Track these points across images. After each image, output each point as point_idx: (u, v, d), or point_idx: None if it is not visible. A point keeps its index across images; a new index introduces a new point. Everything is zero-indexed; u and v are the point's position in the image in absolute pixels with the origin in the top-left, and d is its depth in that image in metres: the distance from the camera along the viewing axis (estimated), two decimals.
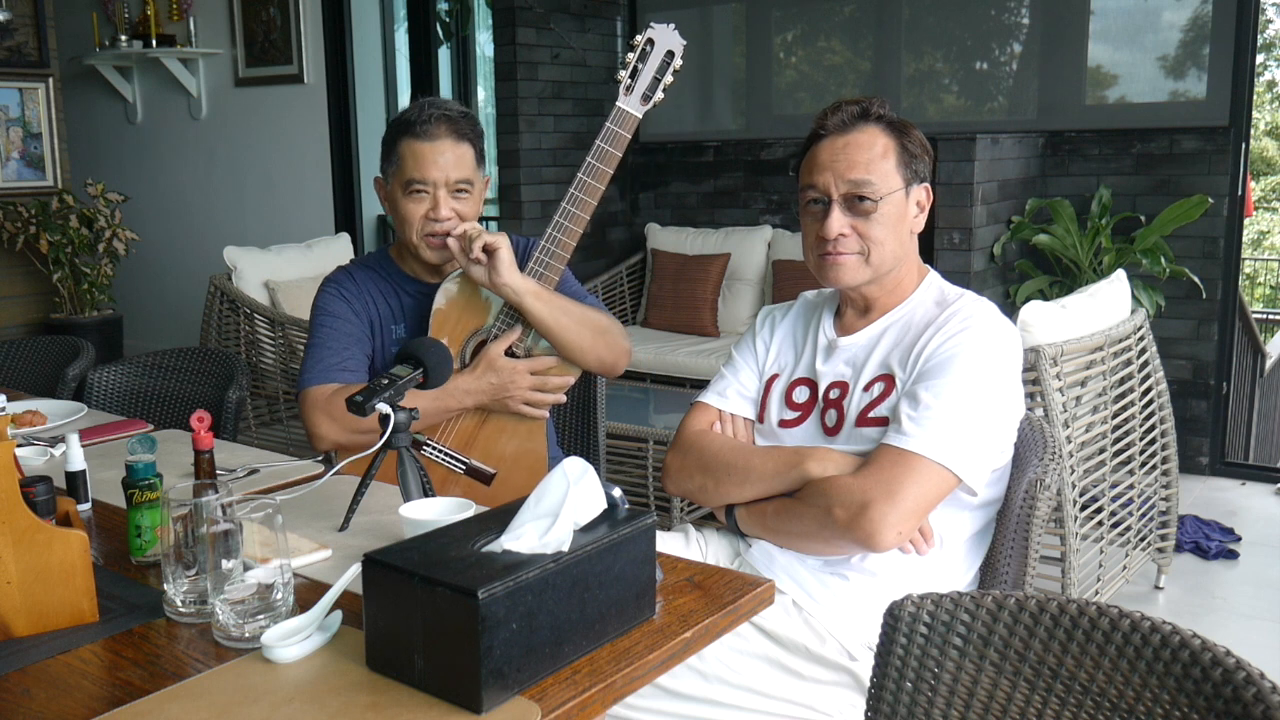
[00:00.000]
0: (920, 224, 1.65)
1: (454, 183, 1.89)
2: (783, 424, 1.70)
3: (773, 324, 1.79)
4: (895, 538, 1.48)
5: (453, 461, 1.51)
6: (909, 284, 1.66)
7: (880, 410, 1.58)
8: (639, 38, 1.85)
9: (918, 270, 1.68)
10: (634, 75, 1.84)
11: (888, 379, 1.59)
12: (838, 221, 1.58)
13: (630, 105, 1.84)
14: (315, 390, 1.86)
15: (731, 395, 1.76)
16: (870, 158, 1.58)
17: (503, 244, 1.79)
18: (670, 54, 1.85)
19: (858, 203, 1.58)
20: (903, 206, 1.61)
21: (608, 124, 1.84)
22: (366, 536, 1.44)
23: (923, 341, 1.57)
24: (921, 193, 1.64)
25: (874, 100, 1.63)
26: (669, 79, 1.85)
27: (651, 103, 1.85)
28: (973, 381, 1.52)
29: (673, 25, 1.86)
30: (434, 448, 1.50)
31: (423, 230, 1.90)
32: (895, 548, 1.50)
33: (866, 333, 1.66)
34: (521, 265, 1.91)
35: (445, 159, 1.88)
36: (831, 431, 1.63)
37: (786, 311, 1.80)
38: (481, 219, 2.07)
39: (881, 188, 1.58)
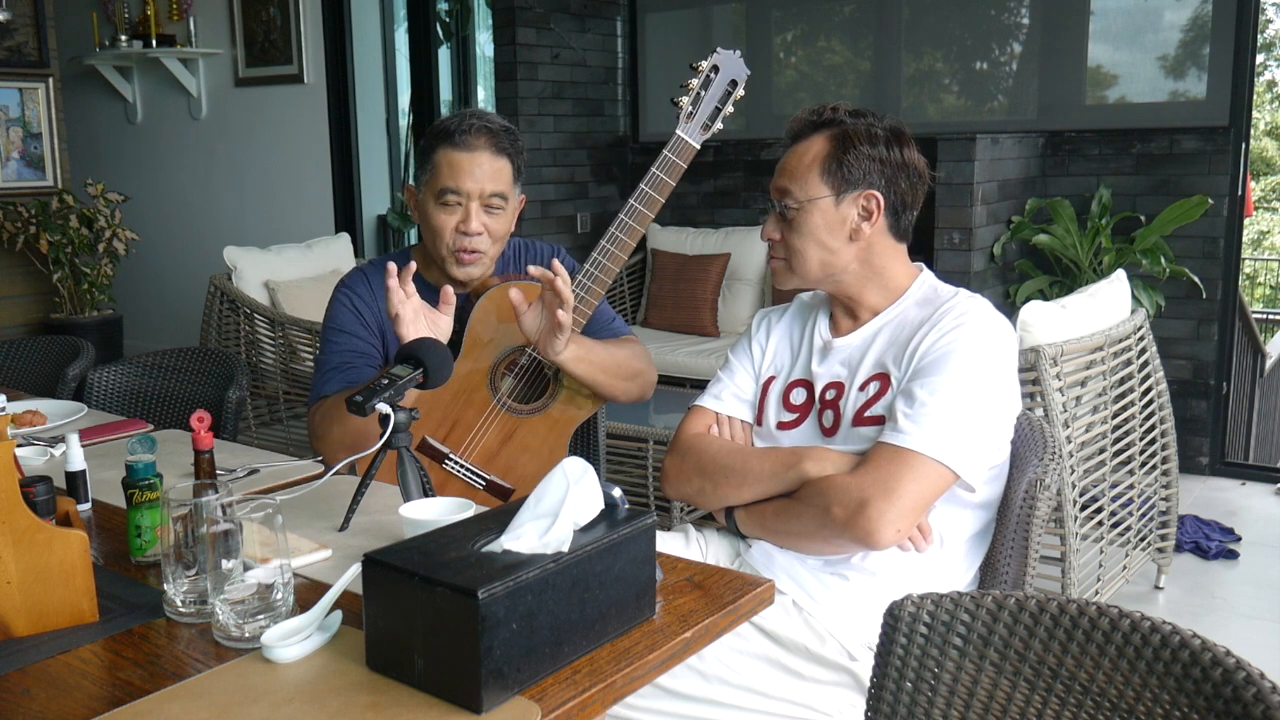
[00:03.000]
0: (869, 230, 1.60)
1: (488, 195, 1.84)
2: (780, 426, 1.70)
3: (768, 327, 1.80)
4: (894, 535, 1.48)
5: (473, 477, 1.50)
6: (897, 284, 1.66)
7: (876, 409, 1.58)
8: (704, 63, 1.77)
9: (907, 270, 1.68)
10: (695, 102, 1.77)
11: (883, 378, 1.60)
12: (769, 226, 1.64)
13: (689, 134, 1.78)
14: (311, 410, 1.86)
15: (728, 398, 1.77)
16: (796, 166, 1.61)
17: (568, 315, 1.72)
18: (734, 83, 1.78)
19: (782, 210, 1.62)
20: (829, 215, 1.59)
21: (665, 152, 1.78)
22: (366, 536, 1.44)
23: (917, 339, 1.57)
24: (865, 200, 1.59)
25: (827, 108, 1.63)
26: (729, 109, 1.79)
27: (710, 132, 1.80)
28: (968, 378, 1.52)
29: (738, 52, 1.78)
30: (456, 462, 1.49)
31: (454, 244, 1.85)
32: (894, 545, 1.51)
33: (861, 333, 1.66)
34: None
35: (482, 170, 1.82)
36: (829, 432, 1.63)
37: (782, 314, 1.80)
38: None
39: (799, 195, 1.59)
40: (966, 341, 1.54)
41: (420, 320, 1.69)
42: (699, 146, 1.79)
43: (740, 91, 1.79)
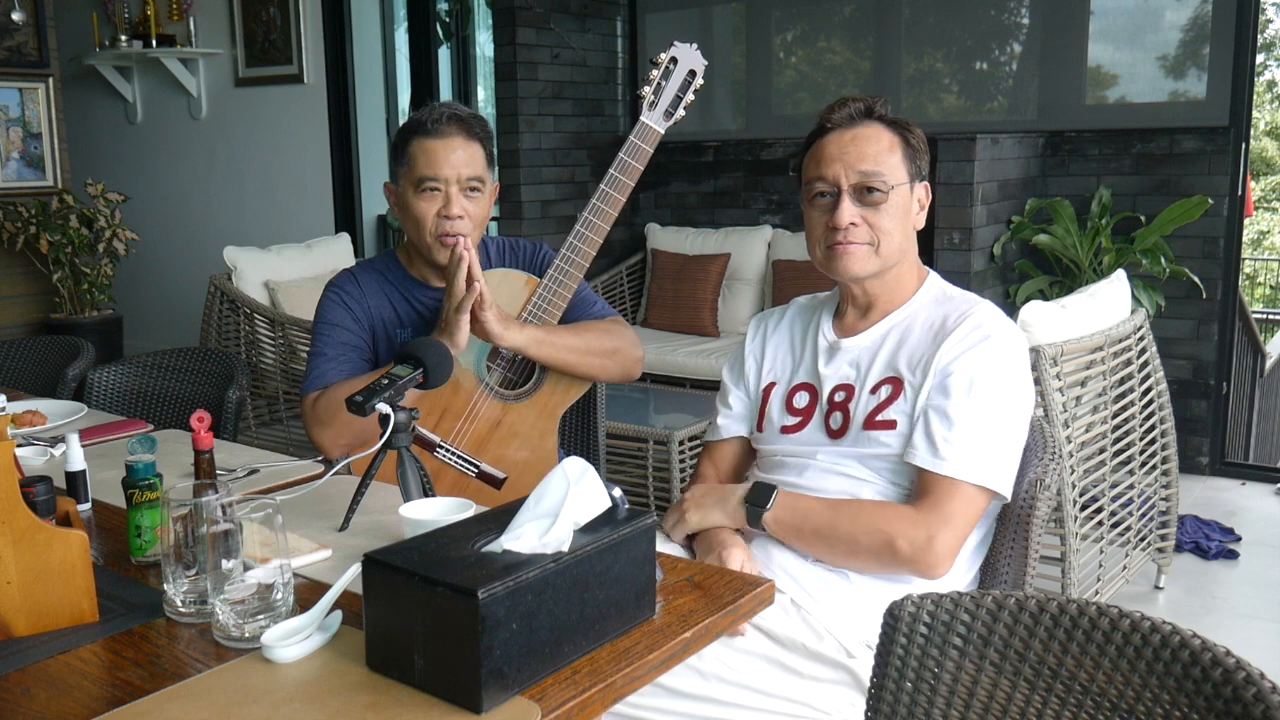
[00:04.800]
0: (921, 221, 1.67)
1: (466, 180, 1.88)
2: (784, 430, 1.70)
3: (764, 333, 1.80)
4: (950, 563, 1.53)
5: (465, 465, 1.51)
6: (909, 284, 1.67)
7: (888, 414, 1.58)
8: (663, 55, 1.88)
9: (917, 271, 1.70)
10: (657, 92, 1.87)
11: (895, 382, 1.60)
12: (848, 211, 1.60)
13: (653, 120, 1.88)
14: (308, 399, 1.88)
15: (724, 425, 1.81)
16: (878, 150, 1.61)
17: (487, 311, 1.78)
18: (692, 73, 1.89)
19: (867, 194, 1.60)
20: (908, 201, 1.63)
21: (631, 138, 1.88)
22: (366, 536, 1.44)
23: (940, 353, 1.57)
24: (922, 190, 1.67)
25: (877, 99, 1.66)
26: (690, 97, 1.89)
27: (674, 119, 1.89)
28: (999, 398, 1.55)
29: (695, 45, 1.90)
30: (447, 450, 1.50)
31: (436, 230, 1.89)
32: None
33: (869, 334, 1.66)
34: (539, 273, 1.94)
35: (457, 156, 1.87)
36: (836, 434, 1.63)
37: (781, 317, 1.81)
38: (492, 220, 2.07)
39: (890, 179, 1.60)
40: (993, 360, 1.56)
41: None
42: (663, 132, 1.90)
43: (699, 81, 1.90)
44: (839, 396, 1.65)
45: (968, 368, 1.55)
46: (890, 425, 1.57)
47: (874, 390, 1.61)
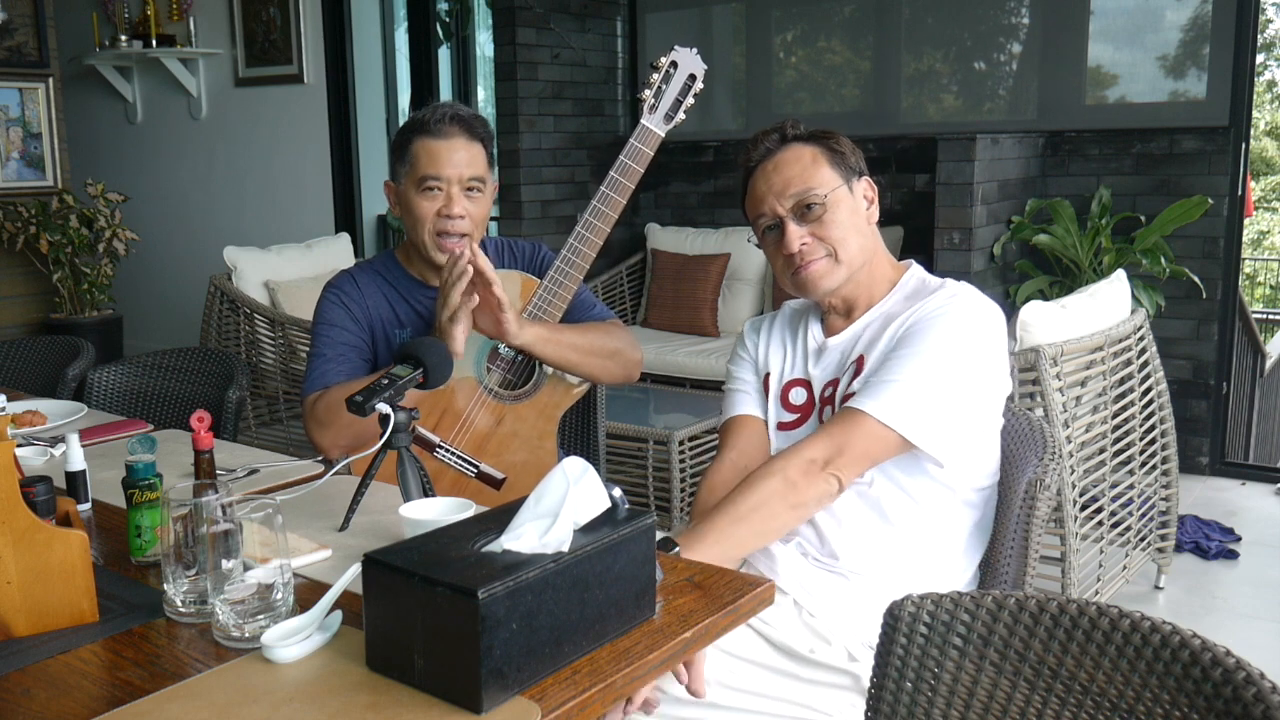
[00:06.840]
0: (874, 215, 1.68)
1: (467, 180, 1.89)
2: (781, 426, 1.71)
3: (758, 331, 1.83)
4: (841, 488, 1.52)
5: (464, 465, 1.51)
6: (886, 279, 1.70)
7: (854, 386, 1.60)
8: (663, 59, 1.89)
9: (892, 266, 1.71)
10: (658, 95, 1.89)
11: (860, 359, 1.63)
12: (795, 234, 1.62)
13: (654, 123, 1.89)
14: (308, 400, 1.88)
15: (739, 400, 1.78)
16: (802, 168, 1.63)
17: (505, 309, 1.78)
18: (692, 77, 1.90)
19: (807, 211, 1.62)
20: (851, 201, 1.64)
21: (632, 140, 1.89)
22: (366, 536, 1.44)
23: (899, 321, 1.60)
24: (864, 185, 1.68)
25: (787, 123, 1.69)
26: (690, 101, 1.91)
27: (674, 122, 1.91)
28: (939, 351, 1.53)
29: (695, 49, 1.91)
30: (446, 450, 1.50)
31: (435, 228, 1.89)
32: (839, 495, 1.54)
33: (852, 329, 1.69)
34: (538, 274, 1.95)
35: (459, 156, 1.88)
36: None
37: (772, 320, 1.83)
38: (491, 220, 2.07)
39: (823, 189, 1.62)
40: (945, 319, 1.56)
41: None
42: (664, 135, 1.91)
43: (699, 85, 1.91)
44: (828, 392, 1.67)
45: (914, 327, 1.57)
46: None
47: (853, 376, 1.63)
